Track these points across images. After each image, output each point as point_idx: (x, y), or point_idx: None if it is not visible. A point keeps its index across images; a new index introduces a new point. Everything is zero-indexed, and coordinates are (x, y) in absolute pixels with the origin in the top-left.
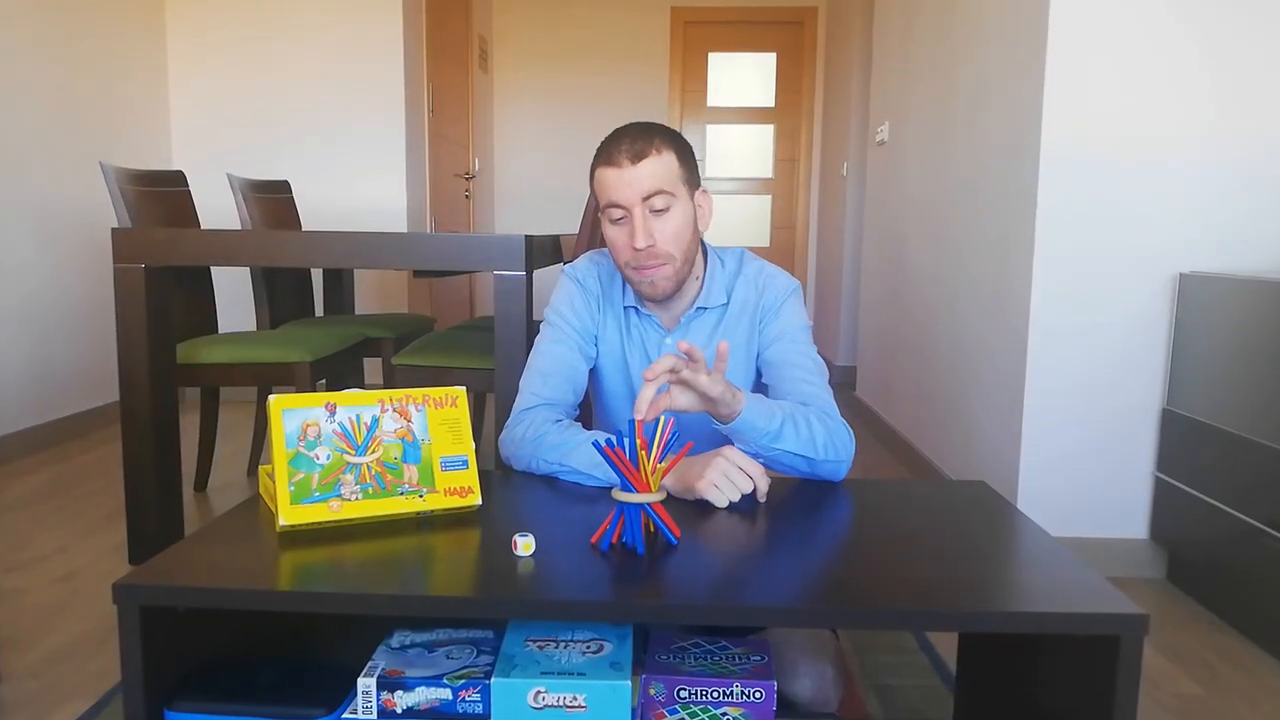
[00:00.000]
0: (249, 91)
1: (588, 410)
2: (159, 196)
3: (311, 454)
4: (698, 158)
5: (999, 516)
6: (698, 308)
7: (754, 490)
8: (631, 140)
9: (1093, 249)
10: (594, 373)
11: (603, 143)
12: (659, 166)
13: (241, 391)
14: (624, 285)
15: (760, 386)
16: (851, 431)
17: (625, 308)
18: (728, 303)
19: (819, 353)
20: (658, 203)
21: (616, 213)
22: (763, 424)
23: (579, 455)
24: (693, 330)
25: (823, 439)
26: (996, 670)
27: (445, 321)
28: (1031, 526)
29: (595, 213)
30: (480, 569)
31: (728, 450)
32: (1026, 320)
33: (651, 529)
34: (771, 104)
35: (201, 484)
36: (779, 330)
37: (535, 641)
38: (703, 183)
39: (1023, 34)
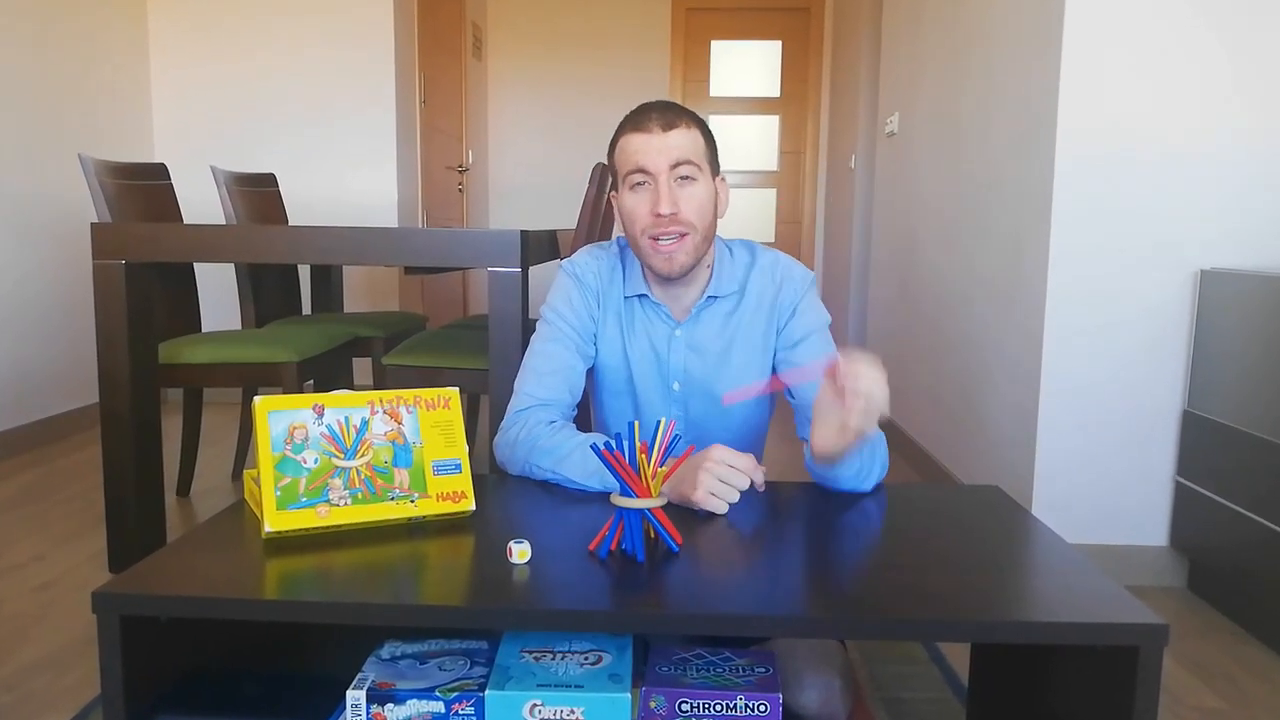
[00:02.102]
0: (234, 81)
1: (585, 414)
2: (140, 190)
3: (298, 458)
4: None
5: (1013, 522)
6: (709, 296)
7: (751, 484)
8: (661, 112)
9: (1110, 244)
10: (592, 371)
11: (628, 115)
12: (687, 139)
13: (226, 393)
14: (627, 276)
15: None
16: (882, 433)
17: (629, 298)
18: (739, 293)
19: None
20: (683, 171)
21: (638, 178)
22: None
23: (572, 464)
24: (704, 321)
25: (877, 469)
26: (1010, 682)
27: (437, 320)
28: (1047, 533)
29: (594, 206)
30: (474, 577)
31: (714, 451)
32: (1041, 318)
33: (652, 535)
34: (777, 94)
35: (184, 489)
36: (803, 330)
37: (531, 652)
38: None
39: (1037, 20)
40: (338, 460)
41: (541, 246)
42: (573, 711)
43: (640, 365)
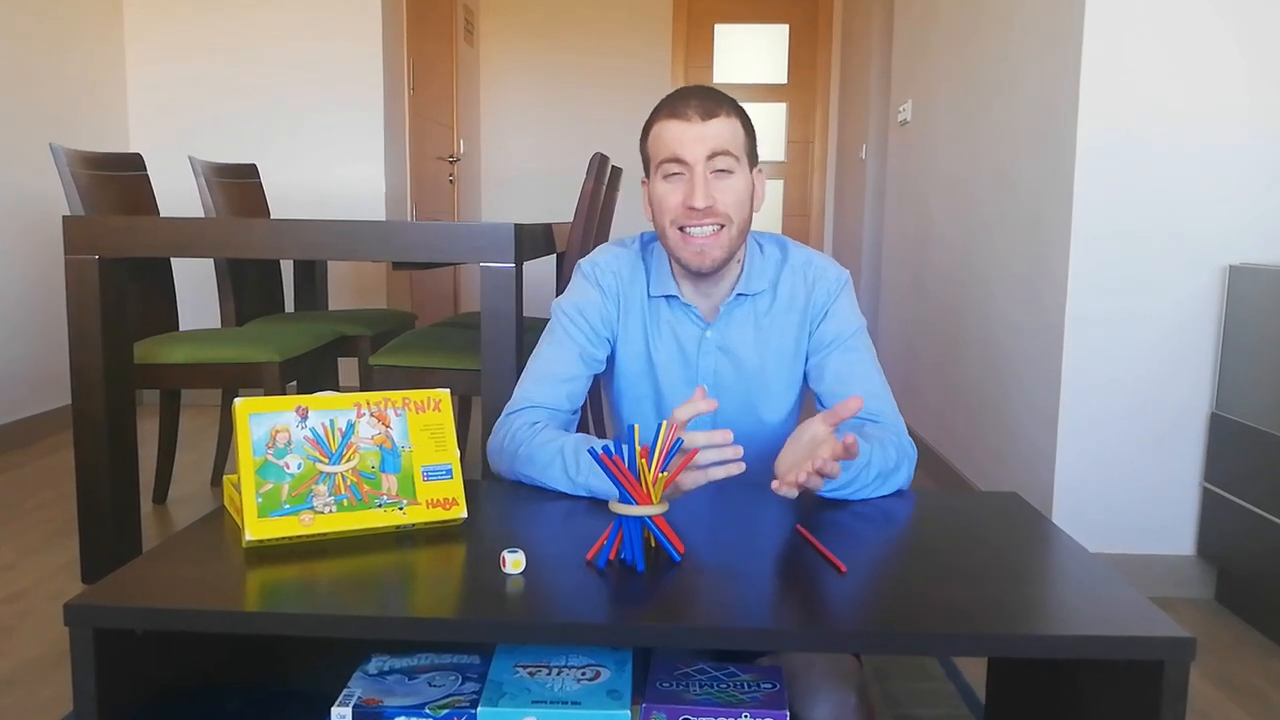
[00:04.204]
0: (213, 67)
1: (584, 417)
2: (114, 181)
3: (281, 463)
4: None
5: (1032, 531)
6: (738, 294)
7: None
8: (701, 99)
9: (1134, 238)
10: (612, 375)
11: (664, 100)
12: (727, 129)
13: (205, 395)
14: (651, 274)
15: (805, 391)
16: (913, 445)
17: (655, 297)
18: (770, 292)
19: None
20: (721, 163)
21: (673, 168)
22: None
23: (554, 475)
24: (735, 321)
25: (880, 481)
26: (1029, 699)
27: (427, 318)
28: (1067, 542)
29: (593, 198)
30: (465, 588)
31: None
32: (1063, 312)
33: (653, 544)
34: (784, 80)
35: (161, 495)
36: (834, 333)
37: (525, 667)
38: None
39: (1057, 1)
40: (322, 465)
41: (536, 240)
42: None
43: (667, 369)
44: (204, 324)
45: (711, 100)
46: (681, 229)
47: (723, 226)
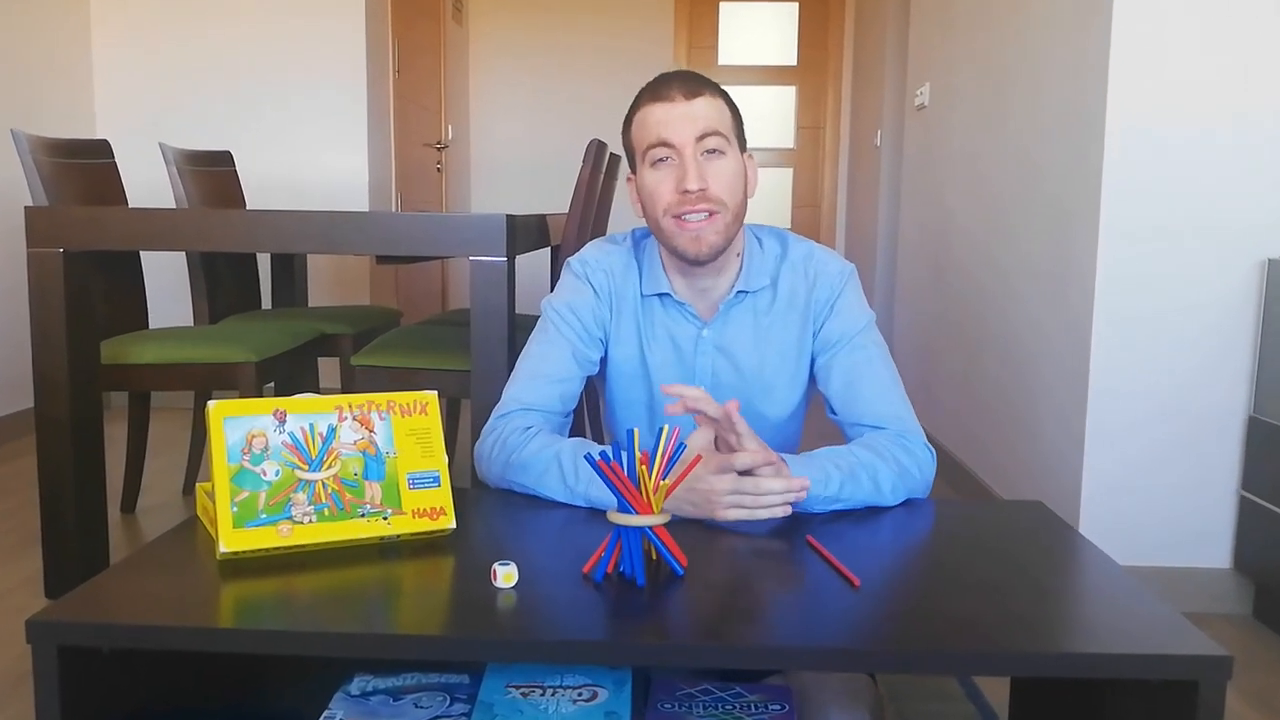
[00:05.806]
0: (185, 48)
1: (580, 421)
2: (80, 169)
3: (258, 469)
4: None
5: (1058, 542)
6: (738, 292)
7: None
8: (684, 80)
9: (1167, 231)
10: (604, 377)
11: (646, 86)
12: (713, 108)
13: (176, 397)
14: (644, 272)
15: (812, 390)
16: (931, 451)
17: (648, 296)
18: (770, 289)
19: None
20: (711, 144)
21: (661, 153)
22: (817, 490)
23: (550, 482)
24: (733, 320)
25: (890, 481)
26: None
27: (413, 315)
28: (1095, 554)
29: (589, 187)
30: (454, 603)
31: (740, 481)
32: (1090, 314)
33: (654, 556)
34: (793, 62)
35: (130, 504)
36: (839, 332)
37: (518, 688)
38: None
39: None
40: (302, 472)
41: (530, 232)
42: None
43: (662, 370)
44: (175, 322)
45: (695, 81)
46: (676, 217)
47: (716, 212)
